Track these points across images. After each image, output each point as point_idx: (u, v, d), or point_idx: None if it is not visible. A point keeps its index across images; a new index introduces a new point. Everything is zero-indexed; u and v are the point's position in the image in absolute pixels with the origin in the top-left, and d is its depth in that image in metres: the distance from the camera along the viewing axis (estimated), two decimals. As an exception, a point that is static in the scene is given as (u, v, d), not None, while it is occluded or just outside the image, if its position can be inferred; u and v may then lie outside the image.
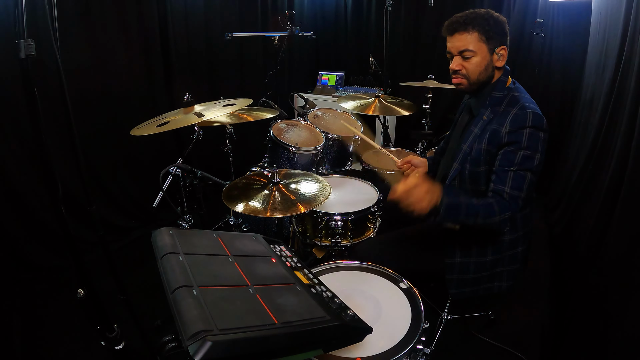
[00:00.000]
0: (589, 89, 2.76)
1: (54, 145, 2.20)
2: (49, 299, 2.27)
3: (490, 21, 1.48)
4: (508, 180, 1.42)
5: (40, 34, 1.02)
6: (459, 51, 1.52)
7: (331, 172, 2.63)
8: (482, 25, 1.47)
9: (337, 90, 4.33)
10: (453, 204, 1.38)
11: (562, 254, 2.49)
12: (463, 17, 1.49)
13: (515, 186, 1.41)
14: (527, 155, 1.41)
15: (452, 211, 1.38)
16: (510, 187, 1.41)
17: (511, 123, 1.43)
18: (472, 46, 1.48)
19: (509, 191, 1.41)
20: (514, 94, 1.52)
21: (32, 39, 0.93)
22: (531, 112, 1.42)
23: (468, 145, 1.56)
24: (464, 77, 1.55)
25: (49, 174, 1.02)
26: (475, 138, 1.54)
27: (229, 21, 3.61)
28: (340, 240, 1.93)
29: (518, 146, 1.42)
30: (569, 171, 2.82)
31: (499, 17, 1.52)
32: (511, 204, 1.41)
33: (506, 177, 1.42)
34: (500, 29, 1.50)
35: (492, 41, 1.49)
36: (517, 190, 1.41)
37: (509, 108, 1.48)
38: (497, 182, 1.44)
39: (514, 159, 1.42)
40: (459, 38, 1.49)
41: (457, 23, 1.50)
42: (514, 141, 1.42)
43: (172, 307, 0.80)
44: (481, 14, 1.49)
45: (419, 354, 1.14)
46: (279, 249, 1.24)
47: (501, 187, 1.43)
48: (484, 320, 2.09)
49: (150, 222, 3.06)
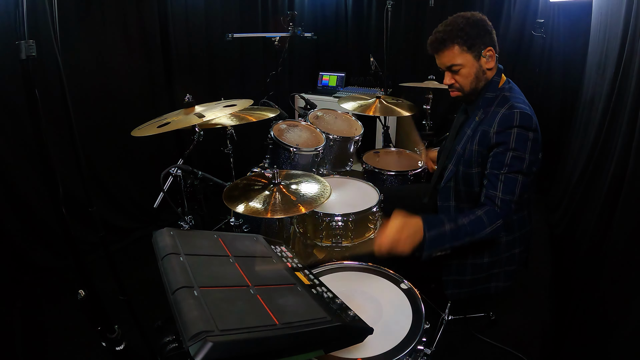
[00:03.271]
0: (589, 89, 2.75)
1: (55, 146, 2.19)
2: (50, 300, 2.27)
3: (467, 29, 1.46)
4: (499, 185, 1.41)
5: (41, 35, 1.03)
6: (446, 67, 1.54)
7: (332, 172, 2.63)
8: (460, 36, 1.47)
9: (337, 91, 4.33)
10: (436, 236, 1.36)
11: (563, 255, 2.49)
12: (441, 33, 1.49)
13: (506, 191, 1.40)
14: (515, 156, 1.40)
15: (437, 242, 1.36)
16: (502, 191, 1.41)
17: (499, 123, 1.43)
18: (458, 60, 1.50)
19: (501, 196, 1.40)
20: (505, 94, 1.51)
21: (32, 40, 0.93)
22: (519, 112, 1.41)
23: (461, 147, 1.57)
24: (458, 90, 1.57)
25: (50, 175, 1.02)
26: (468, 139, 1.54)
27: (229, 22, 3.61)
28: (341, 241, 1.93)
29: (506, 147, 1.41)
30: (569, 172, 2.82)
31: (477, 18, 1.49)
32: (503, 210, 1.40)
33: (497, 181, 1.42)
34: (480, 30, 1.48)
35: (475, 47, 1.49)
36: (509, 195, 1.40)
37: (498, 108, 1.48)
38: (489, 187, 1.44)
39: (504, 160, 1.41)
40: (443, 55, 1.51)
41: (436, 42, 1.51)
42: (502, 142, 1.42)
43: (173, 307, 0.80)
44: (457, 24, 1.47)
45: (419, 355, 1.14)
46: (280, 249, 1.24)
47: (493, 192, 1.42)
48: (485, 321, 2.09)
49: (151, 223, 3.06)
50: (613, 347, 1.45)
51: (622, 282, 1.51)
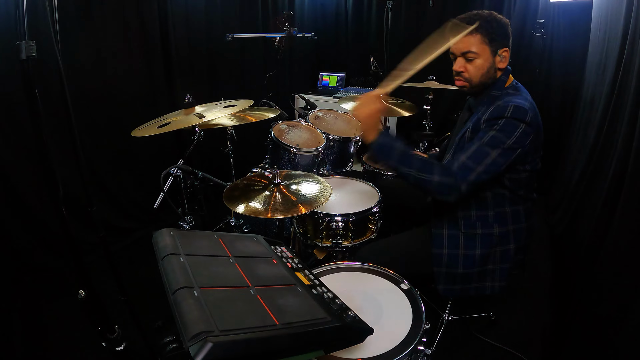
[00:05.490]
0: (589, 89, 2.75)
1: (55, 146, 2.17)
2: (50, 300, 2.26)
3: (494, 23, 1.48)
4: (468, 152, 1.40)
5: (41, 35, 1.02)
6: (461, 52, 1.52)
7: (332, 173, 2.63)
8: (485, 27, 1.47)
9: (338, 91, 4.33)
10: (388, 143, 1.40)
11: (564, 255, 2.48)
12: (466, 19, 1.49)
13: (472, 158, 1.38)
14: (497, 136, 1.39)
15: (385, 150, 1.41)
16: (467, 157, 1.39)
17: (491, 112, 1.44)
18: (475, 48, 1.49)
19: (464, 160, 1.39)
20: (509, 92, 1.52)
21: (33, 40, 0.93)
22: (513, 105, 1.40)
23: (458, 138, 1.58)
24: (465, 80, 1.56)
25: (50, 175, 1.02)
26: (465, 131, 1.55)
27: (229, 22, 3.61)
28: (341, 241, 1.93)
29: (491, 127, 1.41)
30: (569, 172, 2.82)
31: (502, 19, 1.52)
32: (458, 173, 1.37)
33: (468, 149, 1.41)
34: (503, 31, 1.50)
35: (494, 43, 1.49)
36: (472, 162, 1.37)
37: (498, 102, 1.48)
38: (457, 151, 1.44)
39: (483, 136, 1.41)
40: (462, 39, 1.49)
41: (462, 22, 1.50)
42: (486, 127, 1.43)
43: (173, 308, 0.80)
44: (484, 15, 1.49)
45: (420, 355, 1.14)
46: (280, 250, 1.24)
47: (459, 155, 1.42)
48: (485, 321, 2.09)
49: (151, 223, 3.06)
50: (613, 348, 1.45)
51: (622, 282, 1.51)
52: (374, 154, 1.42)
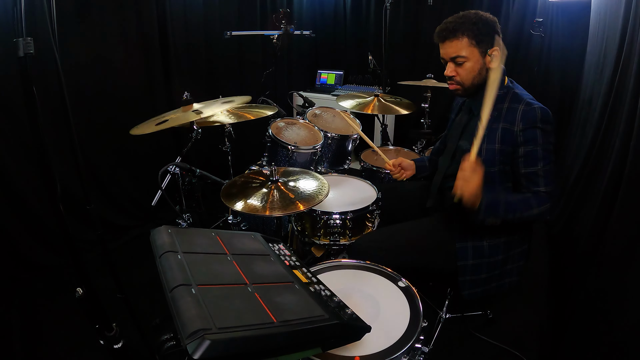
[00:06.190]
0: (587, 88, 2.76)
1: (53, 143, 2.19)
2: (48, 298, 2.26)
3: (480, 24, 1.48)
4: (540, 180, 1.47)
5: (39, 33, 1.02)
6: (450, 57, 1.53)
7: (330, 170, 2.63)
8: (472, 30, 1.47)
9: (336, 89, 4.33)
10: (493, 202, 1.43)
11: (561, 253, 2.49)
12: (452, 24, 1.49)
13: (546, 183, 1.46)
14: (545, 149, 1.46)
15: (493, 209, 1.43)
16: (544, 185, 1.46)
17: (523, 121, 1.46)
18: (464, 52, 1.49)
19: (544, 189, 1.46)
20: (515, 91, 1.53)
21: (30, 38, 0.93)
22: (539, 108, 1.46)
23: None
24: (458, 84, 1.57)
25: (48, 173, 1.02)
26: (483, 139, 1.51)
27: (228, 20, 3.60)
28: (339, 239, 1.93)
29: (535, 143, 1.46)
30: (567, 170, 2.83)
31: (489, 17, 1.51)
32: (548, 197, 1.46)
33: (537, 177, 1.47)
34: (491, 30, 1.50)
35: (483, 44, 1.49)
36: (550, 186, 1.47)
37: (515, 105, 1.49)
38: (531, 185, 1.48)
39: (537, 156, 1.46)
40: (450, 45, 1.50)
41: (446, 30, 1.50)
42: (530, 139, 1.46)
43: (170, 305, 0.80)
44: (470, 17, 1.48)
45: (417, 353, 1.14)
46: (278, 247, 1.24)
47: (535, 188, 1.47)
48: (483, 319, 2.09)
49: (148, 221, 3.05)
50: (610, 345, 1.46)
51: (619, 280, 1.52)
52: (483, 216, 1.43)
